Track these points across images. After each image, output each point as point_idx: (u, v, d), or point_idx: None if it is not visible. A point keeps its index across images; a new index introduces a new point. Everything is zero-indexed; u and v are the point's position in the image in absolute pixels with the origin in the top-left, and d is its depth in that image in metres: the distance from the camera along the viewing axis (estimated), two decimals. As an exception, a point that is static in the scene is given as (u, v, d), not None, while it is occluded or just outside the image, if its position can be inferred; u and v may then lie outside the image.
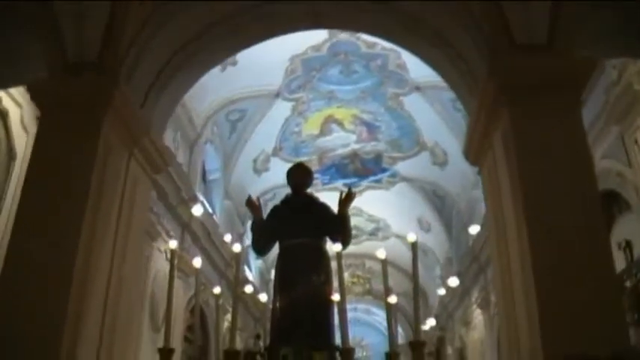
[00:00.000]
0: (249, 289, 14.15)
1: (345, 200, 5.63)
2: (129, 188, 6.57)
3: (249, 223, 16.43)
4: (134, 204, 6.60)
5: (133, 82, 6.68)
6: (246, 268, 17.37)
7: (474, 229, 14.64)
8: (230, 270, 14.57)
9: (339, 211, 5.64)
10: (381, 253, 4.76)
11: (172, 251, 5.05)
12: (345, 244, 5.33)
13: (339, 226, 5.57)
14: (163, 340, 4.52)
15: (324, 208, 5.76)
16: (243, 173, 16.14)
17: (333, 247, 4.89)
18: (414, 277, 4.62)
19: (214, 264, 14.29)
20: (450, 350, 19.06)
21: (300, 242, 5.51)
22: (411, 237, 4.60)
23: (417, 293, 4.63)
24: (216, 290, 5.94)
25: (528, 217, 5.61)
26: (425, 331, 18.73)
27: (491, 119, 6.46)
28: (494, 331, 13.94)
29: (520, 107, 6.06)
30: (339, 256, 4.59)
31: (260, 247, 5.90)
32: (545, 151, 5.84)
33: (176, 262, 12.41)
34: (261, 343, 5.33)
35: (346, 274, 22.50)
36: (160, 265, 11.35)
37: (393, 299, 4.72)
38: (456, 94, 7.83)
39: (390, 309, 4.60)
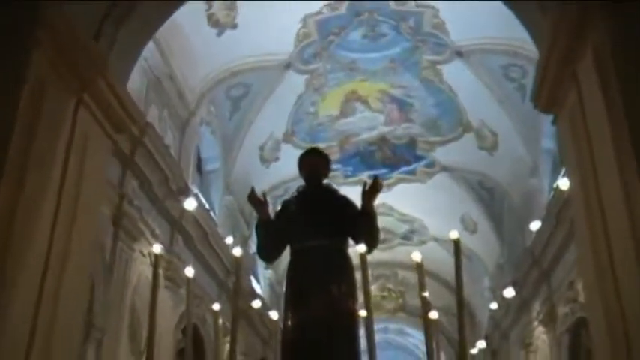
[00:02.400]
0: (256, 304, 13.84)
1: (370, 192, 5.40)
2: (77, 148, 5.43)
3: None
4: (84, 169, 5.46)
5: (79, 6, 5.53)
6: (253, 279, 16.66)
7: (535, 225, 13.72)
8: (232, 280, 13.68)
9: (364, 205, 5.40)
10: (417, 256, 4.64)
11: (156, 257, 4.81)
12: (371, 246, 5.14)
13: (363, 223, 5.37)
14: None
15: (345, 202, 5.56)
16: (247, 163, 15.63)
17: (357, 249, 4.70)
18: (457, 283, 4.36)
19: (212, 272, 13.70)
20: (505, 378, 18.46)
21: (317, 244, 5.31)
22: (454, 234, 4.47)
23: (462, 305, 4.33)
24: (215, 306, 5.75)
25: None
26: (472, 355, 17.95)
27: (576, 37, 5.54)
28: (563, 353, 13.35)
29: (621, 13, 5.11)
30: (363, 259, 4.36)
31: (267, 252, 5.70)
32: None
33: (161, 270, 11.44)
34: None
35: (375, 287, 22.33)
36: (144, 271, 10.75)
37: (433, 314, 4.64)
38: (521, 21, 6.90)
39: (429, 326, 4.45)
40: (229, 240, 13.78)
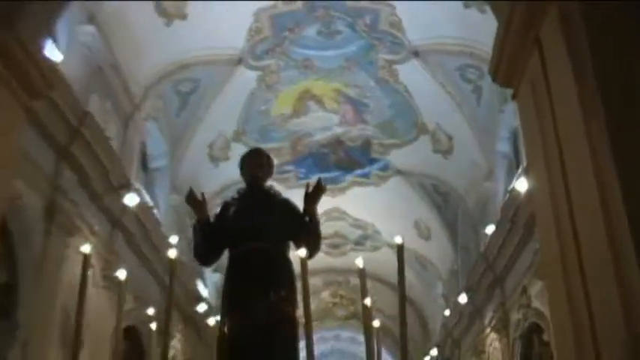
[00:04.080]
0: (201, 308, 12.99)
1: (314, 194, 5.33)
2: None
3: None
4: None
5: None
6: (199, 282, 16.26)
7: (490, 229, 13.65)
8: (176, 281, 13.23)
9: (306, 208, 5.35)
10: (359, 262, 4.78)
11: (85, 257, 4.83)
12: (313, 251, 5.13)
13: (306, 227, 5.33)
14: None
15: (287, 204, 5.51)
16: (196, 162, 15.24)
17: (297, 254, 4.69)
18: (399, 288, 4.52)
19: (154, 272, 13.19)
20: (458, 387, 18.41)
21: (257, 248, 5.18)
22: (398, 239, 4.64)
23: (404, 310, 4.47)
24: (150, 311, 5.87)
25: (615, 144, 4.38)
26: (424, 364, 17.80)
27: None
28: (516, 360, 13.19)
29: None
30: (303, 264, 4.42)
31: (204, 254, 5.54)
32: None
33: (98, 270, 10.95)
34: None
35: (326, 294, 21.97)
36: (79, 270, 9.99)
37: (376, 323, 4.79)
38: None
39: (370, 334, 4.57)
40: (174, 239, 13.22)
